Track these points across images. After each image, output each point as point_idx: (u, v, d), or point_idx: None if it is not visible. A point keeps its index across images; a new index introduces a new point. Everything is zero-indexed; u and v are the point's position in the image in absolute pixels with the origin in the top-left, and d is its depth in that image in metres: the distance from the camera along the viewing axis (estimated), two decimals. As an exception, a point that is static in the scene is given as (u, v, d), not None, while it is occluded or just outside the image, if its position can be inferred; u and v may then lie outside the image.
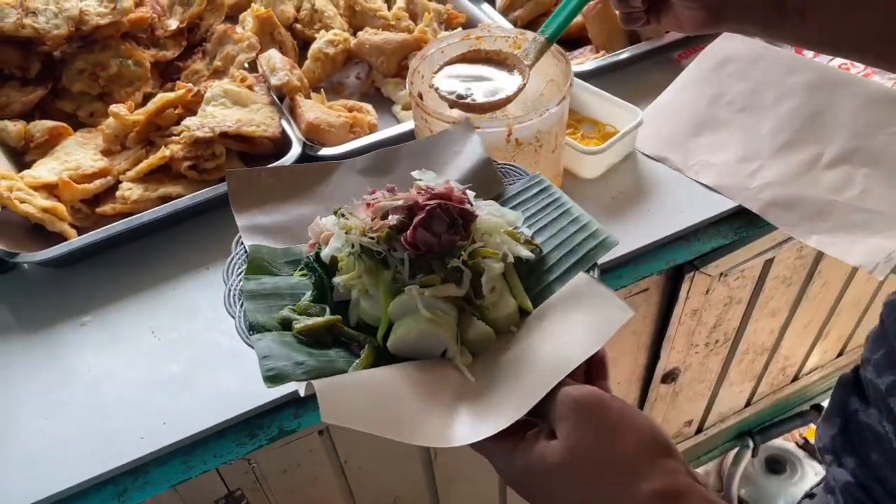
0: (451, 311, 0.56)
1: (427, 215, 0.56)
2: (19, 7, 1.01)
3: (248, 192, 0.68)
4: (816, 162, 0.92)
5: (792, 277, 1.11)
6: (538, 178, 0.68)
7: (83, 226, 0.91)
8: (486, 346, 0.56)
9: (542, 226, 0.64)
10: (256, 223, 0.67)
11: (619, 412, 0.47)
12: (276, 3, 1.16)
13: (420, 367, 0.54)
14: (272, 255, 0.64)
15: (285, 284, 0.62)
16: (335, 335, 0.58)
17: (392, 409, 0.50)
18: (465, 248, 0.56)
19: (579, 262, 0.59)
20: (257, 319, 0.58)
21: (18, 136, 0.98)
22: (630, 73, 1.09)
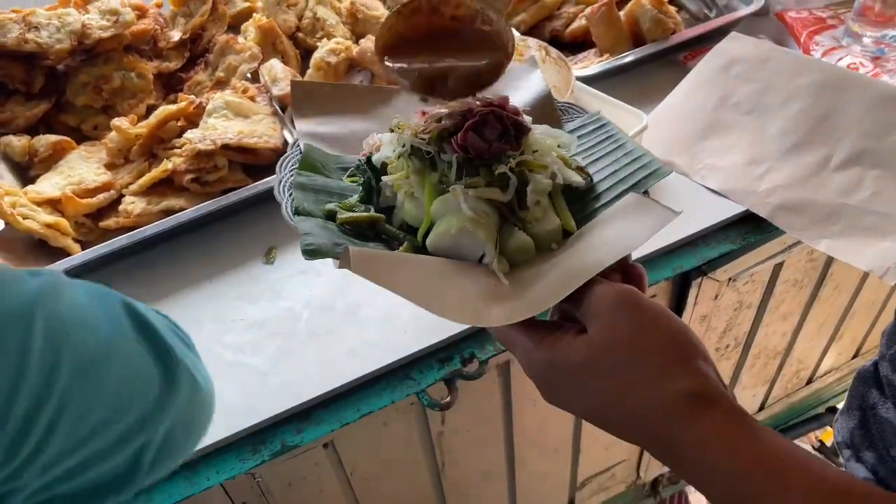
0: (493, 216, 0.55)
1: (480, 120, 0.56)
2: (22, 22, 1.01)
3: (310, 102, 0.70)
4: (825, 164, 0.90)
5: (803, 280, 1.09)
6: (597, 116, 0.68)
7: (87, 240, 0.92)
8: (525, 259, 0.56)
9: (595, 158, 0.64)
10: (314, 130, 0.69)
11: (655, 311, 0.45)
12: (278, 13, 1.16)
13: (456, 264, 0.54)
14: (325, 158, 0.66)
15: (335, 185, 0.64)
16: (377, 231, 0.59)
17: (422, 280, 0.49)
18: (514, 157, 0.56)
19: (628, 190, 0.59)
20: (304, 206, 0.59)
21: (23, 151, 0.99)
22: (635, 76, 1.08)
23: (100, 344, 0.43)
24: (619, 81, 1.05)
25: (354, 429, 0.76)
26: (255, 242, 0.92)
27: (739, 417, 0.41)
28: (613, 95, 0.97)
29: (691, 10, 1.14)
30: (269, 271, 0.89)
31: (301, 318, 0.83)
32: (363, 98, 0.72)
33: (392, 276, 0.48)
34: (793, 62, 0.98)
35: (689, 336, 0.45)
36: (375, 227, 0.58)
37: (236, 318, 0.84)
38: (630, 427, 0.45)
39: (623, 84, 1.04)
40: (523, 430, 1.03)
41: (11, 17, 1.02)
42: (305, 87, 0.71)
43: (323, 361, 0.78)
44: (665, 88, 1.04)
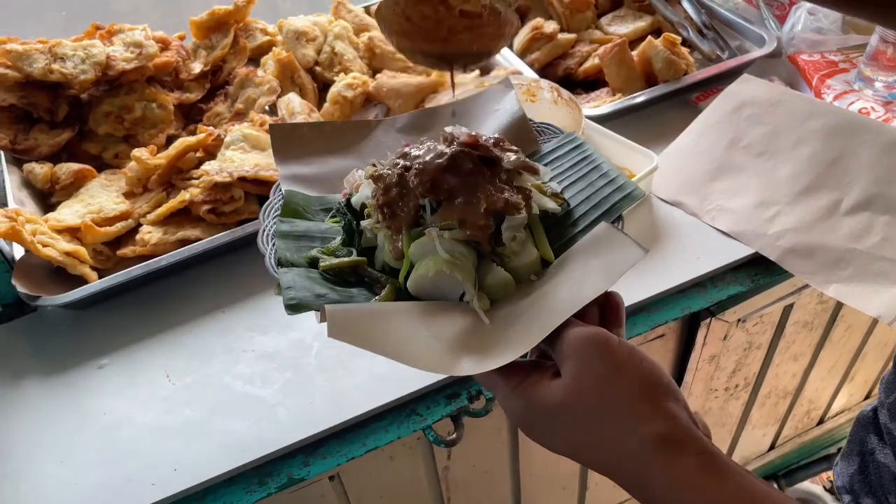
0: (470, 255, 0.56)
1: (450, 161, 0.57)
2: (48, 53, 1.04)
3: (289, 144, 0.71)
4: (836, 208, 0.91)
5: (814, 322, 1.09)
6: (572, 136, 0.69)
7: (104, 267, 0.93)
8: (506, 293, 0.57)
9: (572, 181, 0.65)
10: (295, 172, 0.69)
11: (626, 353, 0.46)
12: (297, 47, 1.18)
13: (436, 305, 0.55)
14: (307, 201, 0.67)
15: (317, 229, 0.64)
16: (359, 275, 0.59)
17: (398, 334, 0.50)
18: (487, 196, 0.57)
19: (604, 214, 0.60)
20: (286, 256, 0.60)
21: (45, 178, 1.01)
22: (647, 116, 1.09)
23: None
24: (630, 121, 1.06)
25: (360, 462, 0.77)
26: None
27: (710, 459, 0.43)
28: (625, 135, 0.98)
29: (704, 50, 1.15)
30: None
31: (311, 350, 0.84)
32: (343, 134, 0.73)
33: (368, 337, 0.49)
34: (804, 105, 0.99)
35: (659, 377, 0.46)
36: (358, 271, 0.59)
37: (247, 348, 0.85)
38: (607, 467, 0.46)
39: (635, 123, 1.05)
40: (530, 465, 1.02)
41: (38, 48, 1.05)
42: (284, 130, 0.72)
43: (331, 395, 0.79)
44: (676, 128, 1.05)
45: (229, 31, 1.19)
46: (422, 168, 0.57)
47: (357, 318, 0.51)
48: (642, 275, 0.88)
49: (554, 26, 1.17)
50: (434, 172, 0.56)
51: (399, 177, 0.58)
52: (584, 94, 1.14)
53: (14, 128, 1.06)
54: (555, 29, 1.17)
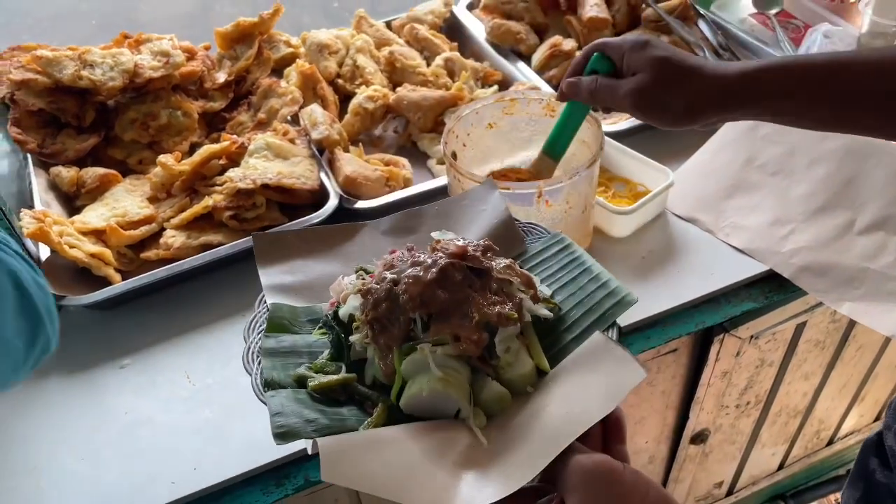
0: (464, 371, 0.55)
1: (440, 274, 0.56)
2: (77, 59, 1.07)
3: (273, 253, 0.70)
4: (849, 228, 0.92)
5: (825, 341, 1.09)
6: (560, 237, 0.69)
7: (127, 270, 0.95)
8: (502, 407, 0.56)
9: (561, 284, 0.64)
10: (280, 282, 0.68)
11: (631, 486, 0.46)
12: (320, 59, 1.21)
13: (432, 427, 0.54)
14: (293, 313, 0.65)
15: (304, 343, 0.63)
16: (349, 393, 0.59)
17: (395, 470, 0.49)
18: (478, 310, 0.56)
19: (598, 320, 0.59)
20: (273, 377, 0.59)
21: (71, 182, 1.03)
22: (664, 134, 1.08)
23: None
24: (647, 138, 1.07)
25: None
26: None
27: None
28: (642, 152, 1.00)
29: (720, 71, 1.17)
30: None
31: (329, 355, 0.86)
32: (326, 239, 0.72)
33: (364, 475, 0.48)
34: (819, 126, 1.00)
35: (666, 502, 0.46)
36: (347, 388, 0.58)
37: (266, 352, 0.86)
38: None
39: (651, 141, 1.06)
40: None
41: (68, 55, 1.07)
42: (268, 239, 0.71)
43: (348, 399, 0.80)
44: (693, 146, 1.06)
45: (254, 42, 1.22)
46: (411, 282, 0.56)
47: (351, 452, 0.49)
48: (657, 289, 0.89)
49: (572, 44, 1.19)
50: (424, 286, 0.56)
51: (388, 291, 0.57)
52: (602, 113, 1.15)
53: (42, 132, 1.08)
54: (573, 47, 1.19)
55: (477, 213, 0.73)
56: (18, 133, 1.05)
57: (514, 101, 0.91)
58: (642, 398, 1.02)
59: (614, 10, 1.27)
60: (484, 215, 0.72)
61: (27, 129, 1.07)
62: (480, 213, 0.73)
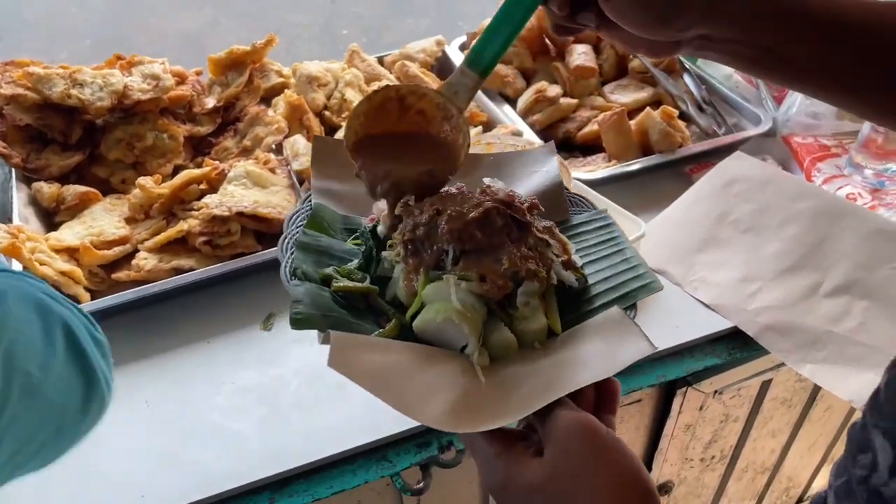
0: (481, 310, 0.56)
1: (482, 214, 0.58)
2: (68, 78, 1.09)
3: (329, 158, 0.71)
4: (816, 290, 0.92)
5: (792, 399, 1.09)
6: (603, 215, 0.70)
7: (98, 289, 0.96)
8: (507, 354, 0.57)
9: (594, 258, 0.65)
10: (328, 187, 0.69)
11: (609, 445, 0.46)
12: (309, 91, 1.22)
13: (437, 353, 0.55)
14: (333, 218, 0.67)
15: (338, 247, 0.65)
16: (368, 303, 0.60)
17: (396, 378, 0.51)
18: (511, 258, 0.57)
19: (619, 298, 0.60)
20: (302, 268, 0.60)
21: (51, 198, 1.04)
22: (640, 183, 1.12)
23: (40, 369, 0.48)
24: (624, 187, 1.09)
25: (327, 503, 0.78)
26: (256, 308, 0.95)
27: None
28: (617, 200, 1.01)
29: (701, 125, 1.19)
30: (265, 337, 0.92)
31: (290, 386, 0.86)
32: None
33: (366, 375, 0.49)
34: (793, 186, 1.02)
35: (638, 476, 0.46)
36: (368, 298, 0.60)
37: (227, 380, 0.87)
38: None
39: (628, 190, 1.08)
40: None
41: (59, 73, 1.09)
42: (328, 143, 0.72)
43: (304, 433, 0.80)
44: (668, 198, 1.07)
45: (245, 70, 1.23)
46: (454, 215, 0.57)
47: (359, 351, 0.51)
48: (621, 339, 0.89)
49: (557, 90, 1.21)
50: (465, 223, 0.57)
51: (430, 218, 0.58)
52: (582, 157, 1.17)
53: (27, 147, 1.09)
54: (557, 93, 1.21)
55: (530, 173, 0.74)
56: (4, 147, 1.06)
57: (490, 144, 0.92)
58: (605, 447, 1.02)
59: (602, 60, 1.30)
60: (536, 176, 0.73)
61: (13, 144, 1.08)
62: (533, 173, 0.74)
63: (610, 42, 0.58)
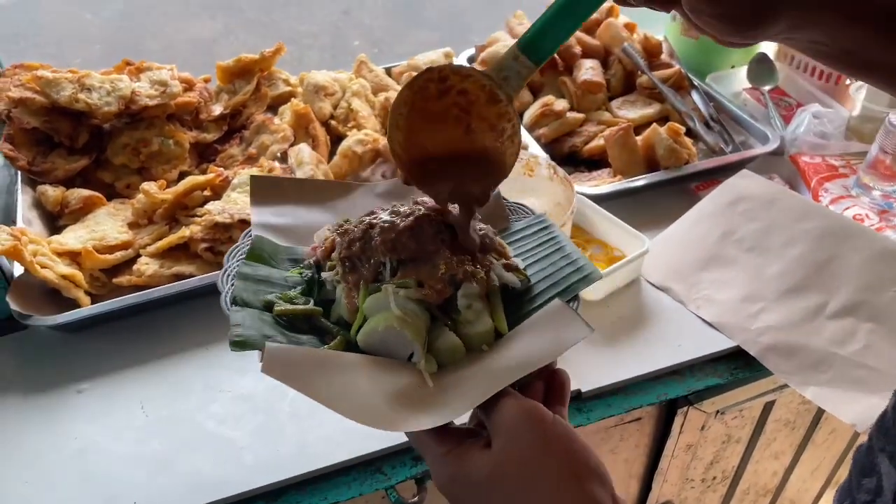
0: (423, 316, 0.57)
1: (414, 223, 0.58)
2: (76, 82, 1.09)
3: (268, 195, 0.72)
4: (820, 311, 0.91)
5: (796, 422, 1.08)
6: (542, 218, 0.71)
7: (99, 293, 0.96)
8: (455, 359, 0.57)
9: (535, 259, 0.66)
10: (268, 221, 0.70)
11: (557, 431, 0.46)
12: (315, 100, 1.23)
13: (382, 361, 0.55)
14: (274, 249, 0.67)
15: (279, 276, 0.65)
16: (312, 325, 0.60)
17: (336, 381, 0.50)
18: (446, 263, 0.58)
19: (562, 292, 0.61)
20: (242, 297, 0.60)
21: (55, 201, 1.04)
22: (645, 199, 1.11)
23: None
24: (628, 203, 1.08)
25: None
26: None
27: None
28: (621, 216, 1.00)
29: (708, 142, 1.18)
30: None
31: (287, 396, 0.85)
32: (322, 192, 0.74)
33: (303, 379, 0.49)
34: (799, 206, 1.01)
35: (587, 458, 0.46)
36: (311, 320, 0.60)
37: (224, 388, 0.86)
38: None
39: (632, 206, 1.07)
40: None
41: (67, 77, 1.09)
42: (265, 181, 0.73)
43: (299, 443, 0.80)
44: (673, 215, 1.06)
45: (253, 78, 1.24)
46: (386, 227, 0.59)
47: (296, 358, 0.51)
48: (622, 356, 0.89)
49: (564, 104, 1.21)
50: (398, 232, 0.58)
51: (363, 232, 0.59)
52: (587, 172, 1.17)
53: (34, 150, 1.10)
54: (564, 107, 1.20)
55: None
56: (10, 149, 1.07)
57: (494, 158, 0.92)
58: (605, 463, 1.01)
59: (610, 75, 1.29)
60: None
61: (20, 146, 1.09)
62: None
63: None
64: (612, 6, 1.40)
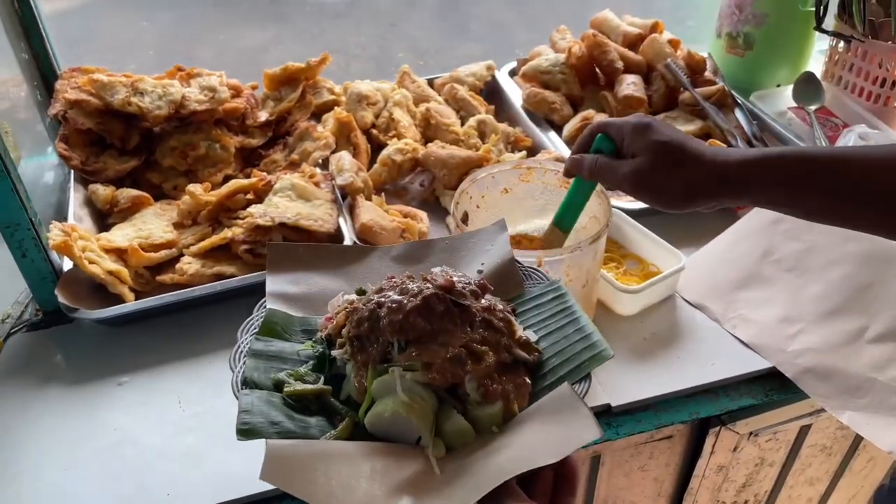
0: (430, 399, 0.56)
1: (422, 303, 0.58)
2: (130, 86, 1.13)
3: (284, 263, 0.73)
4: (860, 335, 0.89)
5: (832, 447, 1.05)
6: (556, 285, 0.70)
7: (142, 290, 0.99)
8: (464, 442, 0.56)
9: (549, 331, 0.65)
10: (283, 290, 0.71)
11: None
12: (358, 109, 1.25)
13: (389, 448, 0.55)
14: (287, 321, 0.68)
15: (291, 350, 0.65)
16: (321, 404, 0.60)
17: (335, 482, 0.50)
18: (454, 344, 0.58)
19: (573, 371, 0.60)
20: (252, 376, 0.61)
21: (105, 200, 1.08)
22: (683, 216, 1.08)
23: None
24: (665, 219, 1.06)
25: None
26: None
27: None
28: (658, 232, 1.00)
29: (750, 160, 1.16)
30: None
31: (318, 398, 0.87)
32: (337, 257, 0.75)
33: (303, 482, 0.49)
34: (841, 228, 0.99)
35: None
36: (320, 399, 0.60)
37: (258, 387, 0.88)
38: None
39: (669, 222, 1.06)
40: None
41: (122, 81, 1.14)
42: (282, 249, 0.75)
43: (328, 445, 0.81)
44: (711, 232, 1.05)
45: (298, 86, 1.27)
46: (394, 307, 0.58)
47: (298, 457, 0.51)
48: (654, 372, 0.88)
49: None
50: (405, 313, 0.58)
51: (371, 312, 0.59)
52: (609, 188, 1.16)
53: (87, 150, 1.14)
54: (605, 122, 1.20)
55: (482, 252, 0.75)
56: (65, 149, 1.11)
57: (530, 169, 0.92)
58: (633, 482, 1.00)
59: (652, 91, 1.29)
60: (488, 254, 0.74)
61: (74, 146, 1.13)
62: (486, 251, 0.75)
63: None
64: (657, 22, 1.40)
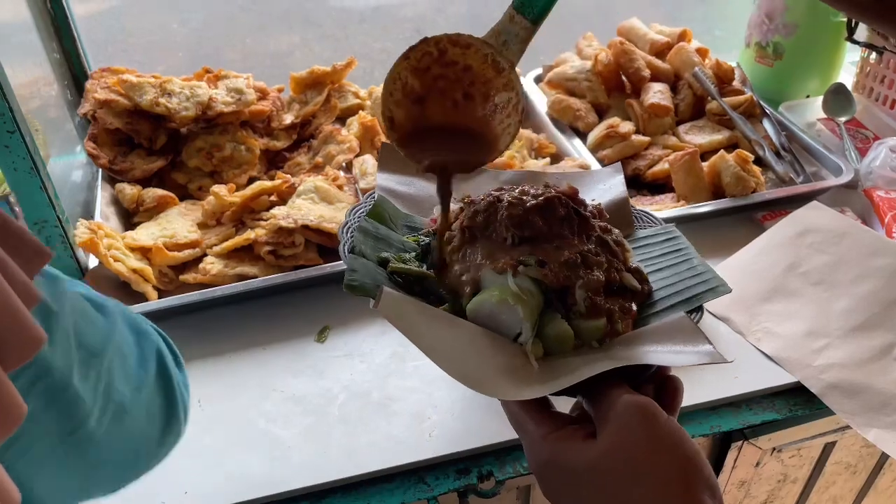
0: (537, 297, 0.55)
1: (544, 203, 0.57)
2: (158, 87, 1.14)
3: (394, 163, 0.72)
4: (888, 351, 0.88)
5: (857, 465, 1.03)
6: (670, 228, 0.69)
7: (165, 289, 1.00)
8: (563, 349, 0.54)
9: (659, 268, 0.64)
10: (392, 187, 0.70)
11: (669, 430, 0.44)
12: (382, 113, 1.25)
13: (488, 334, 0.53)
14: (395, 213, 0.68)
15: (396, 238, 0.65)
16: (424, 288, 0.59)
17: (443, 338, 0.49)
18: (571, 248, 0.56)
19: (685, 302, 0.58)
20: (360, 248, 0.60)
21: (132, 199, 1.09)
22: (708, 227, 1.09)
23: (132, 392, 0.48)
24: (690, 228, 1.04)
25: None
26: (311, 319, 0.97)
27: None
28: (683, 242, 0.99)
29: (778, 171, 1.15)
30: (317, 349, 0.93)
31: (336, 400, 0.87)
32: None
33: (416, 328, 0.48)
34: (871, 241, 0.97)
35: (701, 465, 0.43)
36: (423, 283, 0.59)
37: (277, 388, 0.88)
38: None
39: (694, 232, 1.03)
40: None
41: (150, 81, 1.15)
42: (391, 149, 0.73)
43: (346, 447, 0.81)
44: (736, 244, 1.04)
45: (324, 90, 1.28)
46: (514, 202, 0.57)
47: (407, 307, 0.50)
48: (675, 384, 0.87)
49: (629, 127, 1.20)
50: (526, 209, 0.56)
51: (488, 205, 0.58)
52: (650, 196, 1.15)
53: (115, 150, 1.16)
54: (630, 129, 1.19)
55: (595, 189, 0.74)
56: (93, 148, 1.13)
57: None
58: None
59: (679, 99, 1.28)
60: (602, 191, 0.74)
61: (102, 146, 1.15)
62: (600, 189, 0.74)
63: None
64: (685, 30, 1.39)
